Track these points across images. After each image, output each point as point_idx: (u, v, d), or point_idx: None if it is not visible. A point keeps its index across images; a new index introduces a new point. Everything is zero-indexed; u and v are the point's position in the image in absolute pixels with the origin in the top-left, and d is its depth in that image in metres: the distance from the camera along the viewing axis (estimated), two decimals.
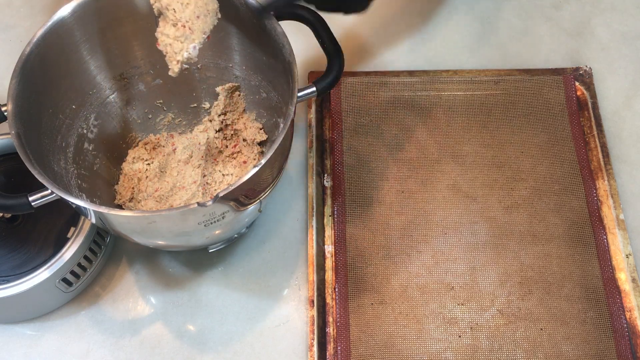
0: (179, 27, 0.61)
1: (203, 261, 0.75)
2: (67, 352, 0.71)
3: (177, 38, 0.61)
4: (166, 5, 0.61)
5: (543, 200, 0.77)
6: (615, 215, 0.75)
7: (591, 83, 0.84)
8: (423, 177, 0.78)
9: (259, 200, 0.64)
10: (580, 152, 0.79)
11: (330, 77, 0.65)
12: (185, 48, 0.61)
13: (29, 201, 0.59)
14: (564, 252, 0.74)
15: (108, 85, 0.74)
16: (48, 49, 0.66)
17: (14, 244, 0.71)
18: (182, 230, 0.62)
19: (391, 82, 0.84)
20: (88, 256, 0.70)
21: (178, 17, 0.61)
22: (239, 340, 0.71)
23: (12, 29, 0.92)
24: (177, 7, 0.60)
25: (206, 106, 0.80)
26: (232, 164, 0.77)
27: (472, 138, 0.81)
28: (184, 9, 0.60)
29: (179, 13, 0.60)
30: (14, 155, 0.75)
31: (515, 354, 0.69)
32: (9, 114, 0.61)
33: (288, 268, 0.75)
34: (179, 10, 0.60)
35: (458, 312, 0.71)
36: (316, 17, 0.67)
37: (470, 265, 0.74)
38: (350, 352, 0.69)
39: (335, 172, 0.78)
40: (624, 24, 0.90)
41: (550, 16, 0.91)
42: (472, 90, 0.83)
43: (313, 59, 0.85)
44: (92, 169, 0.74)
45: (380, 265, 0.74)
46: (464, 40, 0.89)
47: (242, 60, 0.74)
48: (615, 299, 0.71)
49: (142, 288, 0.74)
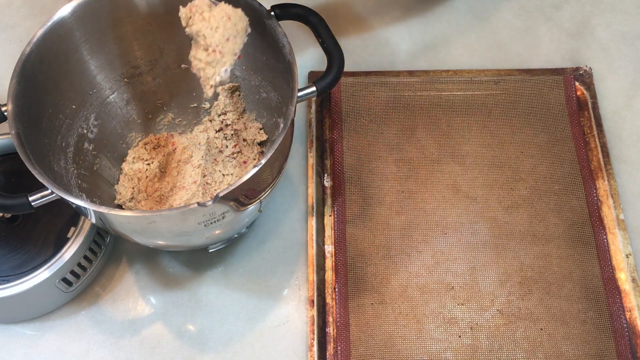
0: (210, 53, 0.61)
1: (203, 261, 0.75)
2: (67, 352, 0.71)
3: (209, 63, 0.61)
4: (197, 32, 0.61)
5: (543, 200, 0.77)
6: (615, 215, 0.75)
7: (591, 83, 0.84)
8: (423, 177, 0.78)
9: (259, 200, 0.64)
10: (580, 152, 0.79)
11: (330, 77, 0.65)
12: (217, 72, 0.62)
13: (29, 201, 0.59)
14: (564, 252, 0.74)
15: (108, 85, 0.74)
16: (48, 49, 0.66)
17: (14, 244, 0.71)
18: (182, 230, 0.62)
19: (391, 82, 0.84)
20: (88, 256, 0.70)
21: (208, 42, 0.61)
22: (239, 340, 0.71)
23: (12, 29, 0.92)
24: (207, 32, 0.61)
25: (206, 106, 0.80)
26: (232, 164, 0.77)
27: (472, 138, 0.81)
28: (213, 33, 0.61)
29: (209, 38, 0.61)
30: (14, 155, 0.75)
31: (515, 354, 0.69)
32: (9, 114, 0.61)
33: (288, 268, 0.75)
34: (209, 36, 0.61)
35: (458, 312, 0.71)
36: (316, 17, 0.67)
37: (470, 265, 0.74)
38: (350, 352, 0.69)
39: (335, 172, 0.78)
40: (624, 24, 0.90)
41: (550, 16, 0.91)
42: (472, 90, 0.83)
43: (313, 59, 0.85)
44: (92, 169, 0.74)
45: (380, 265, 0.74)
46: (464, 40, 0.89)
47: (242, 60, 0.74)
48: (615, 299, 0.71)
49: (142, 288, 0.74)
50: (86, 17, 0.68)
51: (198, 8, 0.61)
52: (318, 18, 0.67)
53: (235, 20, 0.62)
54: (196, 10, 0.61)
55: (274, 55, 0.67)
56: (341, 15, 0.91)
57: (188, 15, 0.62)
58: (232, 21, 0.61)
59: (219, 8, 0.61)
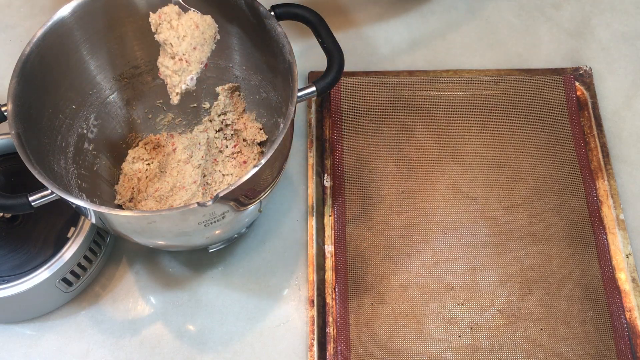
0: (177, 61, 0.62)
1: (203, 261, 0.75)
2: (67, 352, 0.71)
3: (175, 72, 0.62)
4: (164, 40, 0.62)
5: (543, 200, 0.77)
6: (615, 215, 0.75)
7: (591, 83, 0.84)
8: (423, 177, 0.78)
9: (259, 200, 0.64)
10: (580, 152, 0.79)
11: (330, 77, 0.65)
12: (183, 81, 0.63)
13: (29, 201, 0.59)
14: (564, 252, 0.74)
15: (108, 85, 0.74)
16: (48, 49, 0.66)
17: (14, 244, 0.71)
18: (182, 230, 0.62)
19: (391, 82, 0.84)
20: (88, 256, 0.70)
21: (175, 51, 0.61)
22: (239, 340, 0.71)
23: (12, 29, 0.92)
24: (174, 41, 0.61)
25: (206, 106, 0.80)
26: (232, 164, 0.77)
27: (472, 138, 0.81)
28: (180, 42, 0.61)
29: (175, 47, 0.61)
30: (14, 155, 0.75)
31: (515, 354, 0.69)
32: (9, 114, 0.61)
33: (288, 268, 0.75)
34: (175, 45, 0.61)
35: (458, 312, 0.71)
36: (316, 17, 0.67)
37: (470, 265, 0.74)
38: (350, 352, 0.69)
39: (335, 172, 0.78)
40: (624, 24, 0.90)
41: (550, 16, 0.91)
42: (472, 90, 0.83)
43: (313, 59, 0.85)
44: (92, 169, 0.74)
45: (380, 265, 0.74)
46: (464, 40, 0.89)
47: (242, 60, 0.74)
48: (615, 299, 0.71)
49: (142, 288, 0.74)
50: (86, 17, 0.68)
51: (166, 16, 0.62)
52: (318, 18, 0.67)
53: (204, 29, 0.62)
54: (164, 18, 0.62)
55: (274, 55, 0.67)
56: (341, 15, 0.91)
57: (157, 22, 0.62)
58: (200, 29, 0.62)
59: (187, 16, 0.62)
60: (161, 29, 0.62)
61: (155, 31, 0.62)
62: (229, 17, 0.69)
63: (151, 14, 0.62)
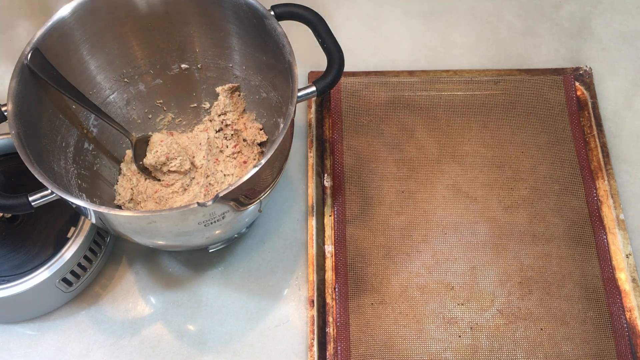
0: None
1: (203, 261, 0.75)
2: (67, 352, 0.71)
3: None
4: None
5: (543, 200, 0.77)
6: (615, 215, 0.75)
7: (591, 83, 0.84)
8: (423, 177, 0.78)
9: (259, 200, 0.64)
10: (580, 152, 0.79)
11: (330, 77, 0.65)
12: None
13: (29, 201, 0.59)
14: (564, 252, 0.74)
15: (108, 85, 0.74)
16: (48, 49, 0.66)
17: (14, 244, 0.71)
18: (182, 230, 0.62)
19: (391, 82, 0.84)
20: (88, 256, 0.70)
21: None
22: (239, 340, 0.71)
23: (12, 29, 0.92)
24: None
25: (206, 106, 0.79)
26: (232, 164, 0.77)
27: (472, 138, 0.81)
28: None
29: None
30: (14, 155, 0.75)
31: (515, 354, 0.69)
32: (9, 114, 0.61)
33: (288, 268, 0.75)
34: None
35: (458, 312, 0.71)
36: (316, 17, 0.67)
37: (470, 265, 0.74)
38: (350, 352, 0.69)
39: (335, 172, 0.78)
40: (624, 24, 0.90)
41: (550, 16, 0.91)
42: (472, 90, 0.83)
43: (313, 59, 0.85)
44: (92, 169, 0.74)
45: (380, 265, 0.74)
46: (464, 40, 0.89)
47: (242, 60, 0.74)
48: (615, 299, 0.71)
49: (142, 288, 0.74)
50: (86, 17, 0.68)
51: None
52: (318, 18, 0.67)
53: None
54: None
55: (274, 55, 0.67)
56: (341, 14, 0.91)
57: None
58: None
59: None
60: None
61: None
62: (229, 17, 0.69)
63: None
